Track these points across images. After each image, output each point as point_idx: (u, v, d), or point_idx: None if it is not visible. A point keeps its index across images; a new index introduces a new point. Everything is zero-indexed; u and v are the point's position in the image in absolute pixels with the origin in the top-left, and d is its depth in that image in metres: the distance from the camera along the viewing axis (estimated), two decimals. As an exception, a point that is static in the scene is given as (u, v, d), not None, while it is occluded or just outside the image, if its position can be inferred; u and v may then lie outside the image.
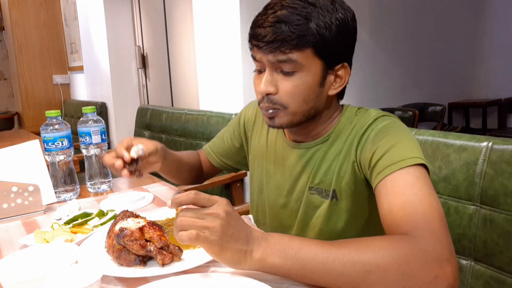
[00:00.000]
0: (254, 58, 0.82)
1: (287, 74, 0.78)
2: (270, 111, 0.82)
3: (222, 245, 0.61)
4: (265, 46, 0.76)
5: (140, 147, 0.90)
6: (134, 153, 0.88)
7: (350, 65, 0.84)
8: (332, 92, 0.84)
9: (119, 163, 0.88)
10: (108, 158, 0.90)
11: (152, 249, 0.72)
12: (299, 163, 0.91)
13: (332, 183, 0.86)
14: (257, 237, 0.64)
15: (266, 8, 0.78)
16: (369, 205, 0.86)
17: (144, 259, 0.74)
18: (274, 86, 0.80)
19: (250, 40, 0.81)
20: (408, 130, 0.82)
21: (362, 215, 0.87)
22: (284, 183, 0.95)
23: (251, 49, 0.82)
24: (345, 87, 0.87)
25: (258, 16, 0.79)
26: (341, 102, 0.93)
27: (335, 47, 0.78)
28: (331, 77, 0.82)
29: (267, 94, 0.81)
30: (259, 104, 0.85)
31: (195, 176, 1.17)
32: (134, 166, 0.89)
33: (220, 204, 0.63)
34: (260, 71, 0.83)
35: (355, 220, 0.87)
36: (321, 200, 0.88)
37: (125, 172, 0.88)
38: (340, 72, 0.83)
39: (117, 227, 0.75)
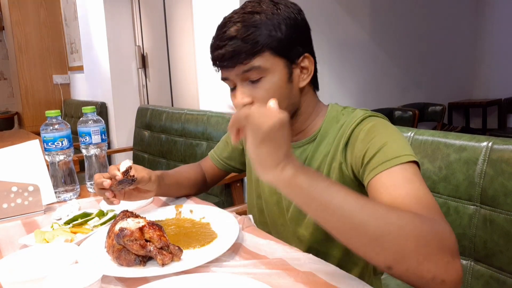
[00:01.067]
0: (223, 79, 0.86)
1: (256, 82, 0.82)
2: None
3: (264, 138, 0.60)
4: (227, 63, 0.81)
5: (127, 161, 0.92)
6: (123, 167, 0.91)
7: (312, 54, 0.87)
8: (303, 83, 0.86)
9: (108, 182, 0.90)
10: (98, 176, 0.92)
11: (152, 249, 0.72)
12: None
13: None
14: (295, 161, 0.62)
15: (219, 29, 0.83)
16: None
17: (144, 259, 0.74)
18: (249, 96, 0.83)
19: (213, 64, 0.85)
20: (397, 129, 0.82)
21: None
22: None
23: (217, 71, 0.86)
24: (316, 77, 0.90)
25: (213, 40, 0.84)
26: (333, 102, 0.94)
27: (290, 43, 0.82)
28: (297, 71, 0.85)
29: (245, 105, 0.83)
30: None
31: (198, 189, 1.18)
32: (125, 184, 0.91)
33: (283, 114, 0.62)
34: (233, 89, 0.86)
35: None
36: None
37: (107, 194, 0.91)
38: (304, 64, 0.85)
39: (117, 227, 0.75)
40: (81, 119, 1.29)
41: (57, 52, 4.42)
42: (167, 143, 2.45)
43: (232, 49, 0.79)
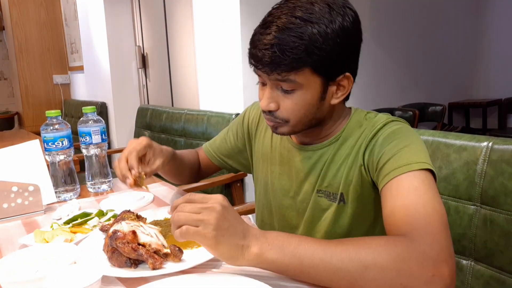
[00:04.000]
0: (256, 73, 0.83)
1: (287, 92, 0.79)
2: (271, 123, 0.84)
3: (217, 238, 0.60)
4: (262, 68, 0.77)
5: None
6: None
7: (354, 72, 0.82)
8: (335, 101, 0.83)
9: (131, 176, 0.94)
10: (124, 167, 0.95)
11: (143, 253, 0.72)
12: (306, 165, 0.91)
13: (340, 187, 0.86)
14: (254, 233, 0.64)
15: (263, 26, 0.77)
16: (374, 207, 0.86)
17: (136, 262, 0.74)
18: (275, 102, 0.81)
19: (249, 59, 0.81)
20: (417, 135, 0.81)
21: (368, 217, 0.88)
22: (290, 184, 0.95)
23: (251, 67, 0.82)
24: (349, 93, 0.86)
25: (255, 35, 0.78)
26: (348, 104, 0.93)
27: (334, 61, 0.77)
28: (333, 88, 0.81)
29: (269, 111, 0.82)
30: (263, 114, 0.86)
31: (193, 175, 1.18)
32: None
33: (216, 199, 0.63)
34: (263, 84, 0.83)
35: (361, 223, 0.88)
36: (329, 203, 0.89)
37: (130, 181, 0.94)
38: (342, 82, 0.81)
39: (111, 229, 0.75)
40: (81, 119, 1.29)
41: (57, 52, 4.42)
42: (167, 143, 2.44)
43: (269, 59, 0.74)
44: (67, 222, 0.97)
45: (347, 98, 0.88)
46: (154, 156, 0.99)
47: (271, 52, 0.73)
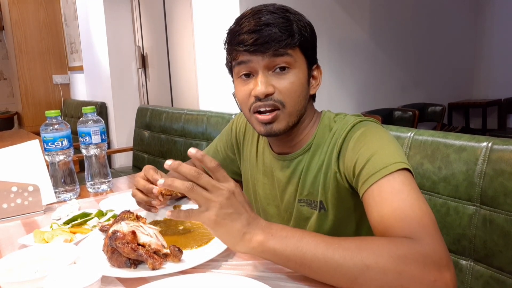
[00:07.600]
0: (240, 63, 0.82)
1: (282, 72, 0.81)
2: (270, 115, 0.82)
3: (216, 220, 0.61)
4: (259, 47, 0.78)
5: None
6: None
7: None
8: (313, 91, 0.88)
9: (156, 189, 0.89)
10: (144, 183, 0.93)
11: (143, 254, 0.72)
12: (284, 175, 0.92)
13: (319, 194, 0.87)
14: (259, 223, 0.64)
15: (252, 15, 0.81)
16: (356, 213, 0.86)
17: (136, 262, 0.74)
18: (271, 86, 0.81)
19: (236, 48, 0.81)
20: (388, 133, 0.81)
21: (350, 223, 0.88)
22: (273, 193, 0.96)
23: (234, 58, 0.83)
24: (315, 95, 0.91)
25: (238, 26, 0.81)
26: (333, 103, 0.93)
27: (312, 46, 0.86)
28: (311, 77, 0.87)
29: (266, 95, 0.81)
30: (249, 109, 0.84)
31: None
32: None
33: (230, 184, 0.63)
34: (247, 75, 0.83)
35: (345, 229, 0.88)
36: (311, 212, 0.89)
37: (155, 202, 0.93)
38: (315, 73, 0.88)
39: (111, 230, 0.75)
40: (81, 119, 1.29)
41: (57, 52, 4.42)
42: (167, 143, 2.45)
43: (268, 35, 0.78)
44: (66, 222, 0.97)
45: (314, 98, 0.92)
46: None
47: (267, 31, 0.78)
